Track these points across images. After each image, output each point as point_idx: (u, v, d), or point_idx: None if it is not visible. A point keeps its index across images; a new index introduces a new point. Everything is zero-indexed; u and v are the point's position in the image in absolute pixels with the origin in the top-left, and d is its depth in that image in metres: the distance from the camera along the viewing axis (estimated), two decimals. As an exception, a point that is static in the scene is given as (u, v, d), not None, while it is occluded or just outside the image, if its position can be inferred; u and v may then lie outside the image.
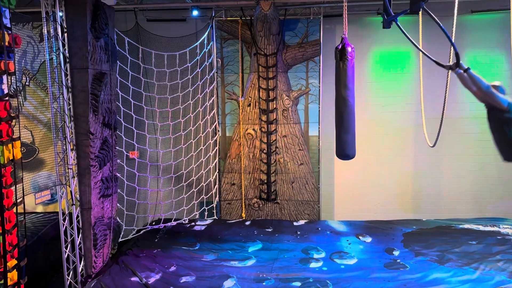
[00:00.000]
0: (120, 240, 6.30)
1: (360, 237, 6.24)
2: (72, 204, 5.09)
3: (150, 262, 5.36)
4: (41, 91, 6.11)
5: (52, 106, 4.88)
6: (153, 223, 6.86)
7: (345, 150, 4.38)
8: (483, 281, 4.75)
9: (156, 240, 6.19)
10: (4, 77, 3.57)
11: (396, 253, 5.70)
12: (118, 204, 6.13)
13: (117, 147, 6.00)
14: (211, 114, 7.33)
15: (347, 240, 6.13)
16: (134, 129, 6.43)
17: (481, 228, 6.34)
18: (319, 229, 6.53)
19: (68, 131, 4.98)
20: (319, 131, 7.28)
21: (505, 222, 6.56)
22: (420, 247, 5.80)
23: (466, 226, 6.45)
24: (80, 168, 5.13)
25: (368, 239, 6.18)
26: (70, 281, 5.08)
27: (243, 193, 7.36)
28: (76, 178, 5.13)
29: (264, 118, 7.28)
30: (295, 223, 6.79)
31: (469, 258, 5.39)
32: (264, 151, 7.30)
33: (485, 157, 7.40)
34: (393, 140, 7.62)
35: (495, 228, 6.28)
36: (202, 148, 7.27)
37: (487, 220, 6.65)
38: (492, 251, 5.54)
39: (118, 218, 6.19)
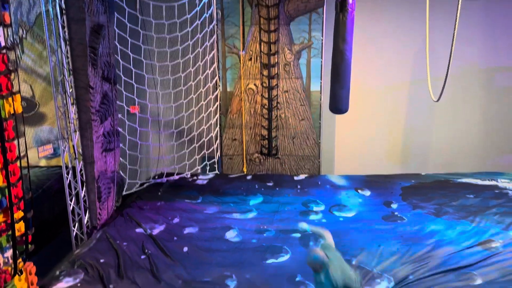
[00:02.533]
0: (124, 193, 6.43)
1: (359, 191, 6.34)
2: (75, 158, 5.14)
3: (154, 214, 5.50)
4: (39, 44, 5.99)
5: (50, 59, 4.80)
6: (156, 177, 6.96)
7: (337, 104, 4.35)
8: (479, 233, 4.88)
9: (159, 193, 6.32)
10: (0, 29, 3.48)
11: (394, 206, 5.82)
12: (120, 159, 6.19)
13: (117, 102, 5.97)
14: (212, 68, 7.22)
15: (346, 194, 6.24)
16: (134, 83, 6.36)
17: (479, 182, 6.42)
18: (319, 183, 6.63)
19: (67, 85, 4.93)
20: (321, 86, 7.19)
21: (503, 176, 6.63)
22: (418, 201, 5.91)
23: (465, 180, 6.53)
24: (82, 123, 5.13)
25: (367, 193, 6.28)
26: (76, 232, 5.22)
27: (244, 148, 7.41)
28: (77, 132, 5.14)
29: (265, 72, 7.18)
30: (295, 178, 6.88)
31: (465, 211, 5.50)
32: (265, 107, 7.27)
33: (485, 111, 7.38)
34: (395, 95, 7.55)
35: (493, 182, 6.37)
36: (203, 103, 7.22)
37: (485, 175, 6.73)
38: (489, 204, 5.65)
39: (121, 172, 6.27)
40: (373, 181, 6.71)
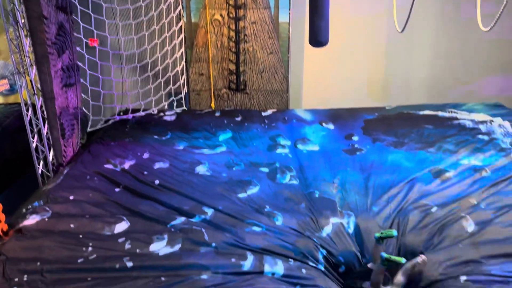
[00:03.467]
0: (88, 130, 6.28)
1: (324, 124, 6.47)
2: (34, 94, 4.91)
3: (123, 150, 5.45)
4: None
5: (-3, -15, 4.39)
6: (121, 114, 6.80)
7: (318, 37, 4.30)
8: (435, 163, 5.19)
9: (126, 129, 6.21)
10: None
11: (355, 138, 6.01)
12: (82, 95, 5.97)
13: (75, 34, 5.63)
14: (174, -3, 6.81)
15: (311, 128, 6.36)
16: (91, 13, 5.96)
17: (439, 113, 6.67)
18: (286, 118, 6.71)
19: (19, 15, 4.57)
20: (289, 17, 7.00)
21: (463, 107, 6.89)
22: (379, 133, 6.12)
23: (426, 112, 6.74)
24: (38, 56, 4.84)
25: (331, 126, 6.43)
26: (41, 170, 5.14)
27: (212, 84, 7.29)
28: (34, 66, 4.86)
29: (231, 2, 6.87)
30: (263, 113, 6.92)
31: (423, 142, 5.78)
32: (233, 39, 7.06)
33: (448, 42, 7.51)
34: (364, 27, 7.50)
35: (453, 114, 6.63)
36: (166, 36, 6.91)
37: (446, 106, 6.94)
38: (447, 134, 5.94)
39: (84, 108, 6.08)
40: (338, 114, 6.83)
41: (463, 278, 3.22)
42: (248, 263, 3.49)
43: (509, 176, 4.71)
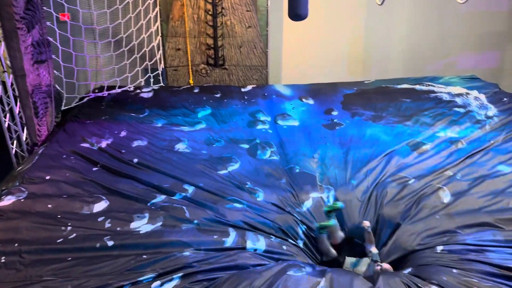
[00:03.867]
0: (63, 108, 6.10)
1: (303, 100, 6.47)
2: (4, 71, 4.71)
3: (99, 129, 5.33)
4: None
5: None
6: (96, 91, 6.62)
7: (297, 10, 4.22)
8: (412, 136, 5.27)
9: (102, 107, 6.06)
10: None
11: (334, 113, 6.04)
12: (55, 72, 5.76)
13: (44, 8, 5.38)
14: (148, -32, 6.56)
15: (291, 104, 6.35)
16: (61, -14, 5.70)
17: (417, 87, 6.74)
18: (266, 94, 6.66)
19: (-17, -12, 4.33)
20: (266, -11, 6.84)
21: (440, 80, 6.97)
22: (358, 107, 6.16)
23: (404, 86, 6.80)
24: (6, 31, 4.62)
25: (311, 101, 6.43)
26: (15, 150, 4.98)
27: (189, 59, 7.13)
28: (3, 42, 4.65)
29: (208, -27, 6.65)
30: (242, 89, 6.84)
31: (401, 116, 5.85)
32: (210, 13, 6.87)
33: (427, 16, 7.52)
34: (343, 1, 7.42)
35: (430, 87, 6.70)
36: (141, 9, 6.68)
37: (424, 79, 7.00)
38: (424, 108, 6.02)
39: (57, 86, 5.89)
40: (317, 89, 6.83)
41: (439, 248, 3.32)
42: (230, 239, 3.51)
43: (484, 147, 4.84)
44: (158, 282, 2.90)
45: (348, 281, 2.94)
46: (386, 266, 3.41)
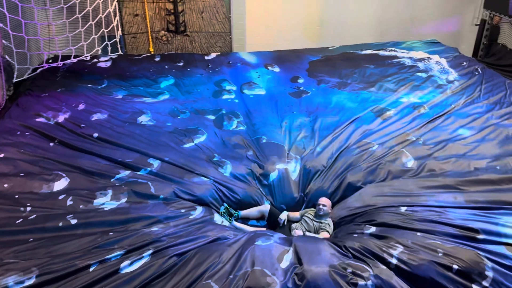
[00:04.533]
0: (15, 80, 5.71)
1: (269, 67, 6.37)
2: None
3: (55, 102, 5.04)
4: None
5: None
6: (50, 61, 6.23)
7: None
8: (377, 102, 5.33)
9: (57, 79, 5.72)
10: None
11: (300, 81, 6.00)
12: (4, 41, 5.35)
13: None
14: None
15: (257, 72, 6.24)
16: None
17: (380, 53, 6.78)
18: (230, 62, 6.51)
19: None
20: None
21: (402, 45, 7.03)
22: (323, 74, 6.14)
23: (368, 51, 6.83)
24: None
25: (276, 69, 6.35)
26: (-36, 127, 4.66)
27: (148, 25, 6.80)
28: None
29: None
30: (206, 57, 6.65)
31: (365, 83, 5.90)
32: (168, -24, 6.55)
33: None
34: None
35: (393, 53, 6.76)
36: (94, -28, 6.25)
37: (386, 45, 7.07)
38: (387, 73, 6.08)
39: (7, 57, 5.49)
40: (282, 56, 6.74)
41: (403, 208, 3.41)
42: (198, 212, 3.48)
43: (445, 112, 4.97)
44: (127, 262, 2.82)
45: (315, 248, 2.98)
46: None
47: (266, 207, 3.82)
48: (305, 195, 3.99)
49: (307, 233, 3.60)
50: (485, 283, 2.63)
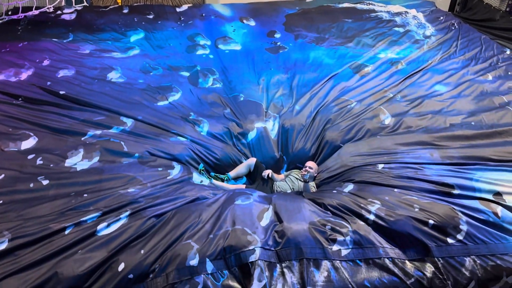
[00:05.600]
0: (-31, 34, 5.28)
1: (244, 21, 6.14)
2: None
3: (17, 57, 4.69)
4: None
5: None
6: (9, 13, 5.77)
7: None
8: (355, 58, 5.25)
9: (18, 32, 5.31)
10: None
11: (277, 35, 5.83)
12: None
13: None
14: None
15: (232, 26, 6.00)
16: None
17: (358, 6, 6.62)
18: (203, 15, 6.22)
19: None
20: None
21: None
22: (300, 29, 5.97)
23: (346, 5, 6.66)
24: None
25: (252, 23, 6.13)
26: None
27: (115, -26, 6.37)
28: None
29: None
30: (178, 9, 6.32)
31: (343, 38, 5.78)
32: None
33: None
34: None
35: (370, 6, 6.62)
36: None
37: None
38: (365, 28, 5.97)
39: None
40: (258, 9, 6.49)
41: (380, 166, 3.44)
42: (175, 171, 3.39)
43: (422, 68, 4.96)
44: (104, 224, 2.74)
45: (295, 206, 2.98)
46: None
47: (252, 160, 3.80)
48: (284, 155, 3.97)
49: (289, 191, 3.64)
50: (459, 236, 2.72)
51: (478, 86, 4.49)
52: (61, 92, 4.11)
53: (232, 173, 3.78)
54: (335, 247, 2.67)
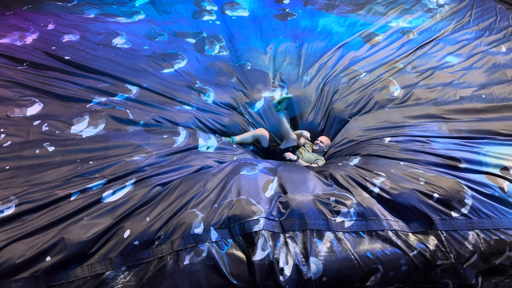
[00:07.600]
0: (-28, -4, 5.19)
1: (252, -14, 5.94)
2: None
3: (21, 21, 4.61)
4: None
5: None
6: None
7: None
8: (365, 26, 5.11)
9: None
10: None
11: (286, 1, 5.66)
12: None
13: None
14: None
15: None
16: None
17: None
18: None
19: None
20: None
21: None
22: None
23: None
24: None
25: (260, -13, 5.93)
26: None
27: None
28: None
29: None
30: (183, -28, 6.11)
31: (354, 5, 5.62)
32: None
33: None
34: None
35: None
36: None
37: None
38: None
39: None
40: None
41: (387, 139, 3.41)
42: (181, 138, 3.37)
43: (434, 38, 4.82)
44: (110, 191, 2.76)
45: (300, 177, 2.98)
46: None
47: (260, 131, 3.78)
48: (292, 126, 3.94)
49: (300, 161, 3.66)
50: (463, 210, 2.71)
51: (490, 57, 4.37)
52: (66, 58, 4.05)
53: (237, 138, 3.76)
54: (338, 219, 2.68)
